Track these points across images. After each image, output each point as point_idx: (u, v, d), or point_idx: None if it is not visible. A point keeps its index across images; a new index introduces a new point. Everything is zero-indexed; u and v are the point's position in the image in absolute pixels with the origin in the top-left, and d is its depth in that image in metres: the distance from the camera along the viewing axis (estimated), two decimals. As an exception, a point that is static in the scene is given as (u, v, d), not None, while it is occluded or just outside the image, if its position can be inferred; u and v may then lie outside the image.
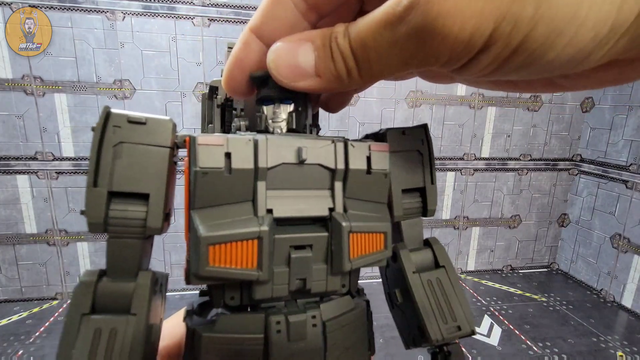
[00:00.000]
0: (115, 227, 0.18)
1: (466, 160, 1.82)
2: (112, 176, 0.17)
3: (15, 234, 1.51)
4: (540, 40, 0.15)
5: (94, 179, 0.17)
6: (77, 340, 0.17)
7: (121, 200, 0.18)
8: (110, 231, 0.18)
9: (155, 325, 0.20)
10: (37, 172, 1.48)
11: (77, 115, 1.46)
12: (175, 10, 1.45)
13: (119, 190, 0.18)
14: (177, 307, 1.40)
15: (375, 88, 1.67)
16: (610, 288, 1.71)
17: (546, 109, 1.83)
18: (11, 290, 1.56)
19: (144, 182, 0.18)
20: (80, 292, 0.17)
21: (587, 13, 0.14)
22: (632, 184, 1.61)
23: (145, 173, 0.18)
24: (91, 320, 0.17)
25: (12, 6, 1.34)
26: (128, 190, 0.18)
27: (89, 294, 0.17)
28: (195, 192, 0.18)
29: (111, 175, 0.17)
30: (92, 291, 0.18)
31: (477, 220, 1.91)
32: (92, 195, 0.17)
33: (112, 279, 0.18)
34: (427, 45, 0.16)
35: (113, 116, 0.18)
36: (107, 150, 0.17)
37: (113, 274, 0.18)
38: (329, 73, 0.19)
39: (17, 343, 1.29)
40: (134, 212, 0.18)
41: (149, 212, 0.18)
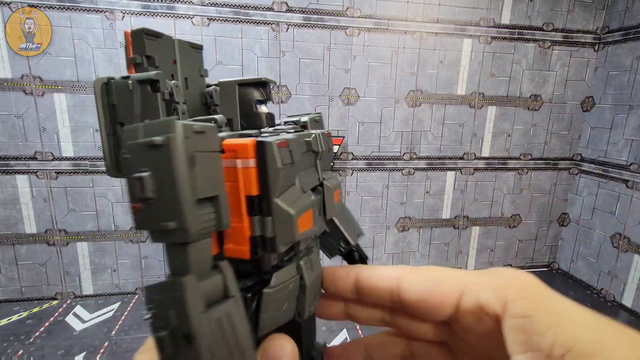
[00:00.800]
0: (203, 231, 0.19)
1: (466, 159, 1.82)
2: (194, 185, 0.19)
3: (15, 234, 1.51)
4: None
5: (188, 191, 0.18)
6: (210, 333, 0.19)
7: (199, 205, 0.19)
8: (196, 237, 0.19)
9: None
10: (36, 172, 1.48)
11: (76, 115, 1.46)
12: (175, 9, 1.45)
13: (202, 197, 0.19)
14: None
15: (375, 87, 1.67)
16: (610, 287, 1.71)
17: (546, 108, 1.83)
18: (11, 290, 1.56)
19: (213, 185, 0.20)
20: (192, 297, 0.18)
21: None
22: (632, 183, 1.61)
23: (213, 177, 0.20)
24: (211, 313, 0.19)
25: (12, 6, 1.34)
26: (208, 195, 0.20)
27: (199, 294, 0.19)
28: (276, 185, 0.22)
29: (193, 184, 0.19)
30: (199, 291, 0.19)
31: (477, 220, 1.90)
32: (191, 209, 0.18)
33: (200, 278, 0.19)
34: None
35: (184, 128, 0.19)
36: (185, 161, 0.18)
37: (199, 274, 0.19)
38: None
39: (17, 343, 1.29)
40: (210, 214, 0.20)
41: (221, 212, 0.21)
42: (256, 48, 1.54)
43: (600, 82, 1.79)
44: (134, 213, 0.18)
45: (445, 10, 1.65)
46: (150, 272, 1.65)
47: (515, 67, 1.76)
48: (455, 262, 1.92)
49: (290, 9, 1.53)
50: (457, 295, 0.20)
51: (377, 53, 1.64)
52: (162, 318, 0.18)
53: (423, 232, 1.87)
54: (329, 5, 1.56)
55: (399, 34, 1.63)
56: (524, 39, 1.74)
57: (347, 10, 1.57)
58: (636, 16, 1.62)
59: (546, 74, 1.79)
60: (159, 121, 0.19)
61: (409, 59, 1.67)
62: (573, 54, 1.79)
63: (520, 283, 0.19)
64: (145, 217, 0.18)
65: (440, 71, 1.71)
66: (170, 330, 0.18)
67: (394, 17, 1.61)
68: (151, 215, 0.18)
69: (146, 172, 0.18)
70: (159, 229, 0.18)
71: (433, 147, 1.78)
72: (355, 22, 1.59)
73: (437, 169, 1.80)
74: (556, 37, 1.76)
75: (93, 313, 1.50)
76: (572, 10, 1.74)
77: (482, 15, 1.68)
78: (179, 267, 0.19)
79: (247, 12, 1.51)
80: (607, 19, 1.75)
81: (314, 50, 1.59)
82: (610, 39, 1.74)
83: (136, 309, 1.54)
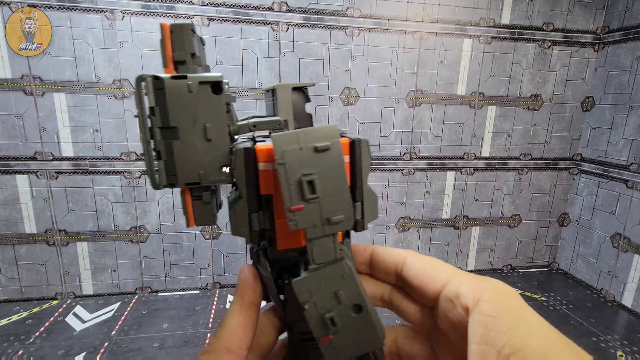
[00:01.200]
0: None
1: (466, 159, 1.82)
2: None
3: (15, 234, 1.51)
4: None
5: (348, 187, 0.21)
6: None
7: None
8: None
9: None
10: (36, 172, 1.48)
11: (76, 115, 1.46)
12: (175, 9, 1.45)
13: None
14: (177, 307, 1.41)
15: (375, 87, 1.67)
16: (610, 287, 1.71)
17: (546, 108, 1.83)
18: (11, 290, 1.56)
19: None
20: (356, 274, 0.21)
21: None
22: (632, 183, 1.61)
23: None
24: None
25: (12, 6, 1.34)
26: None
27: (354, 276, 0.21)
28: (366, 175, 0.24)
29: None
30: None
31: (477, 220, 1.90)
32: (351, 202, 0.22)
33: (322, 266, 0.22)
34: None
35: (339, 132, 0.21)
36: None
37: (320, 263, 0.21)
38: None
39: (17, 343, 1.29)
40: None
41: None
42: (256, 48, 1.54)
43: (600, 82, 1.79)
44: (294, 214, 0.20)
45: (445, 10, 1.65)
46: (150, 272, 1.65)
47: (515, 67, 1.76)
48: (455, 262, 1.92)
49: (290, 9, 1.53)
50: (444, 282, 0.22)
51: (377, 53, 1.64)
52: (327, 300, 0.20)
53: (423, 232, 1.87)
54: (329, 5, 1.56)
55: (399, 34, 1.63)
56: (524, 39, 1.74)
57: (347, 11, 1.57)
58: (636, 16, 1.62)
59: (546, 74, 1.79)
60: (320, 127, 0.20)
61: (409, 59, 1.67)
62: (573, 54, 1.79)
63: (498, 290, 0.21)
64: (308, 215, 0.20)
65: (440, 71, 1.71)
66: (339, 307, 0.20)
67: (394, 17, 1.61)
68: (316, 212, 0.20)
69: (314, 174, 0.20)
70: (325, 223, 0.20)
71: (433, 147, 1.78)
72: (355, 22, 1.59)
73: (437, 169, 1.80)
74: (556, 37, 1.76)
75: (93, 313, 1.50)
76: (572, 10, 1.74)
77: (482, 15, 1.68)
78: (332, 254, 0.21)
79: (247, 12, 1.51)
80: (607, 19, 1.75)
81: (314, 50, 1.59)
82: (610, 39, 1.74)
83: (136, 309, 1.54)
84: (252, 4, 1.50)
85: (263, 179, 0.22)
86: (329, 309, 0.20)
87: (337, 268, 0.21)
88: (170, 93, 0.21)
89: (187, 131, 0.22)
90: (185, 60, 0.22)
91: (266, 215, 0.22)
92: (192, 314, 1.50)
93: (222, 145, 0.22)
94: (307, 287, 0.20)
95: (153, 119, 0.21)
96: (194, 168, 0.22)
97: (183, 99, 0.21)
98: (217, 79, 0.22)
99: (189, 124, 0.22)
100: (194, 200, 0.23)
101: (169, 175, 0.22)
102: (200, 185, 0.22)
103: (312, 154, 0.20)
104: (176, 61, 0.22)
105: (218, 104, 0.22)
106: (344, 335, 0.21)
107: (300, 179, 0.19)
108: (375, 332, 0.21)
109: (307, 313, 0.20)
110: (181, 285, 1.69)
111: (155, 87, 0.21)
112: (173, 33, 0.21)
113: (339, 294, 0.21)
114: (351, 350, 0.21)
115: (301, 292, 0.20)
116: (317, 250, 0.21)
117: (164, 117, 0.21)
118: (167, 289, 1.68)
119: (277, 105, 0.27)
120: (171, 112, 0.21)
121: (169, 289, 1.69)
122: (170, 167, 0.22)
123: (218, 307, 1.57)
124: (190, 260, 1.68)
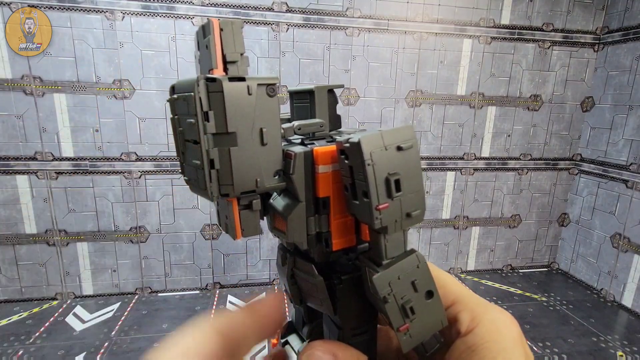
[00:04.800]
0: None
1: (466, 159, 1.82)
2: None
3: (15, 234, 1.51)
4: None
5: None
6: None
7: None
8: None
9: None
10: (36, 172, 1.48)
11: (76, 115, 1.46)
12: (175, 10, 1.45)
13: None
14: (178, 307, 1.41)
15: (375, 88, 1.67)
16: (610, 288, 1.71)
17: (546, 109, 1.83)
18: (11, 291, 1.56)
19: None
20: (427, 267, 0.23)
21: None
22: (632, 183, 1.61)
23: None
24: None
25: (12, 6, 1.34)
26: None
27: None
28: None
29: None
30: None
31: (477, 220, 1.91)
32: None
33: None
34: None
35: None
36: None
37: (392, 257, 0.23)
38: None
39: (17, 343, 1.29)
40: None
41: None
42: (256, 48, 1.54)
43: (600, 82, 1.79)
44: (380, 212, 0.21)
45: (445, 11, 1.65)
46: (150, 273, 1.65)
47: (515, 67, 1.76)
48: (455, 263, 1.92)
49: (290, 9, 1.53)
50: (449, 303, 0.23)
51: (377, 53, 1.64)
52: (406, 291, 0.22)
53: (423, 232, 1.87)
54: (329, 6, 1.56)
55: (399, 34, 1.63)
56: (523, 39, 1.74)
57: (347, 11, 1.58)
58: (636, 16, 1.62)
59: (546, 74, 1.79)
60: (398, 128, 0.21)
61: (409, 59, 1.67)
62: (573, 54, 1.79)
63: (494, 326, 0.21)
64: (392, 212, 0.21)
65: (440, 71, 1.71)
66: (416, 295, 0.22)
67: (394, 18, 1.61)
68: (398, 209, 0.21)
69: (399, 173, 0.21)
70: (404, 218, 0.22)
71: (433, 147, 1.78)
72: (355, 23, 1.59)
73: (437, 169, 1.81)
74: (556, 38, 1.76)
75: (93, 313, 1.50)
76: (572, 11, 1.75)
77: (482, 15, 1.68)
78: (402, 247, 0.23)
79: (247, 12, 1.51)
80: (606, 19, 1.76)
81: (314, 51, 1.59)
82: (610, 39, 1.74)
83: (136, 309, 1.54)
84: (252, 4, 1.50)
85: (321, 182, 0.22)
86: (408, 299, 0.22)
87: (412, 259, 0.22)
88: (230, 96, 0.20)
89: (245, 137, 0.21)
90: (237, 61, 0.21)
91: (322, 217, 0.23)
92: (192, 314, 1.50)
93: (277, 150, 0.22)
94: (387, 281, 0.21)
95: (207, 125, 0.20)
96: (251, 175, 0.21)
97: (242, 103, 0.20)
98: (274, 80, 0.21)
99: (247, 128, 0.21)
100: (242, 210, 0.22)
101: (223, 185, 0.21)
102: (255, 193, 0.22)
103: (396, 153, 0.21)
104: (229, 62, 0.21)
105: (273, 106, 0.21)
106: (419, 322, 0.22)
107: (387, 177, 0.20)
108: (442, 313, 0.23)
109: (389, 306, 0.21)
110: (181, 286, 1.69)
111: (210, 90, 0.20)
112: (223, 31, 0.20)
113: (416, 283, 0.22)
114: (423, 334, 0.23)
115: (382, 286, 0.21)
116: (391, 245, 0.22)
117: (221, 122, 0.20)
118: (167, 289, 1.68)
119: (314, 107, 0.26)
120: (230, 116, 0.20)
121: (169, 289, 1.69)
122: (225, 177, 0.20)
123: (218, 307, 1.57)
124: (190, 261, 1.68)
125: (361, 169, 0.20)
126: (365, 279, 0.22)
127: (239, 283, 1.74)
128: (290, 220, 0.22)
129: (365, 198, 0.20)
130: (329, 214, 0.23)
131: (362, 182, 0.20)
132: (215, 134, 0.20)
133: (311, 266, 0.23)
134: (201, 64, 0.23)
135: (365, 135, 0.20)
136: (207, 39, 0.20)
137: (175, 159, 1.57)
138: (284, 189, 0.23)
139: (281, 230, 0.23)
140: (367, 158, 0.20)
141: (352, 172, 0.21)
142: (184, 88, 0.21)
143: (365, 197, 0.20)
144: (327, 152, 0.22)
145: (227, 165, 0.20)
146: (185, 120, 0.21)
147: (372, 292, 0.22)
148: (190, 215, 1.64)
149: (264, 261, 1.75)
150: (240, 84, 0.20)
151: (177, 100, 0.21)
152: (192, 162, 0.21)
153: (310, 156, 0.22)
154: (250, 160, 0.21)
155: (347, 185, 0.22)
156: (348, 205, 0.22)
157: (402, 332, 0.22)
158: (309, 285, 0.24)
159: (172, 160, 1.57)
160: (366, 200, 0.20)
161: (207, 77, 0.20)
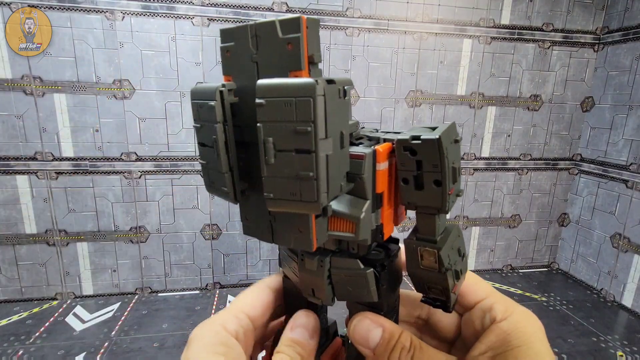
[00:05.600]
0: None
1: (466, 159, 1.82)
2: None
3: (15, 234, 1.51)
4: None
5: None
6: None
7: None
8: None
9: None
10: (36, 173, 1.48)
11: (76, 115, 1.46)
12: (175, 10, 1.45)
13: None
14: (178, 307, 1.41)
15: (374, 87, 1.67)
16: (610, 288, 1.71)
17: (546, 109, 1.83)
18: (11, 291, 1.56)
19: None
20: (462, 234, 0.28)
21: None
22: (632, 183, 1.61)
23: None
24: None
25: (12, 6, 1.34)
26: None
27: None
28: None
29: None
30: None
31: (477, 220, 1.91)
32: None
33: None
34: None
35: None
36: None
37: (442, 232, 0.26)
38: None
39: (17, 343, 1.29)
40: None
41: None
42: (256, 48, 1.54)
43: (600, 82, 1.79)
44: (449, 197, 0.23)
45: (445, 11, 1.65)
46: (150, 273, 1.65)
47: (515, 67, 1.76)
48: (455, 262, 1.92)
49: (290, 9, 1.53)
50: (482, 296, 0.27)
51: (377, 53, 1.64)
52: (455, 257, 0.26)
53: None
54: (329, 6, 1.56)
55: (399, 34, 1.63)
56: (523, 39, 1.74)
57: (347, 11, 1.58)
58: (636, 16, 1.62)
59: (546, 74, 1.79)
60: (450, 125, 0.24)
61: (409, 59, 1.67)
62: (573, 54, 1.79)
63: (525, 316, 0.25)
64: (453, 194, 0.24)
65: (440, 71, 1.71)
66: (459, 259, 0.26)
67: (393, 18, 1.61)
68: (447, 194, 0.24)
69: (457, 162, 0.24)
70: (455, 200, 0.25)
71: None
72: (355, 23, 1.59)
73: (437, 169, 1.80)
74: (556, 38, 1.76)
75: (93, 313, 1.50)
76: (572, 11, 1.75)
77: (482, 15, 1.68)
78: (445, 223, 0.26)
79: (247, 12, 1.51)
80: (606, 19, 1.76)
81: (314, 51, 1.59)
82: (610, 39, 1.74)
83: (136, 309, 1.54)
84: (252, 4, 1.50)
85: (380, 178, 0.24)
86: (456, 263, 0.25)
87: (456, 230, 0.26)
88: (329, 100, 0.18)
89: (335, 141, 0.20)
90: (317, 61, 0.20)
91: (377, 211, 0.24)
92: (192, 314, 1.50)
93: (347, 152, 0.22)
94: (446, 253, 0.24)
95: (319, 132, 0.19)
96: (338, 181, 0.21)
97: (334, 106, 0.19)
98: (350, 82, 0.21)
99: (337, 132, 0.20)
100: (317, 217, 0.21)
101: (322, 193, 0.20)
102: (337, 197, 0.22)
103: (454, 146, 0.23)
104: (312, 62, 0.19)
105: (347, 108, 0.21)
106: (461, 281, 0.27)
107: (453, 167, 0.23)
108: (467, 269, 0.28)
109: (449, 273, 0.24)
110: (181, 286, 1.69)
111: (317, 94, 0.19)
112: (308, 29, 0.19)
113: (460, 249, 0.26)
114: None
115: (445, 259, 0.24)
116: (441, 223, 0.25)
117: (321, 128, 0.18)
118: (167, 289, 1.68)
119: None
120: (328, 121, 0.19)
121: (169, 289, 1.69)
122: (322, 184, 0.19)
123: (218, 307, 1.57)
124: (190, 261, 1.68)
125: (438, 161, 0.22)
126: (412, 258, 0.25)
127: (239, 283, 1.74)
128: (362, 219, 0.23)
129: (436, 186, 0.23)
130: (382, 207, 0.25)
131: (436, 172, 0.22)
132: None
133: (356, 261, 0.25)
134: (261, 65, 0.21)
135: (438, 132, 0.22)
136: (287, 38, 0.19)
137: (175, 159, 1.57)
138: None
139: (346, 231, 0.23)
140: (444, 152, 0.22)
141: (418, 165, 0.23)
142: (274, 92, 0.18)
143: (436, 185, 0.23)
144: (385, 150, 0.24)
145: (324, 173, 0.19)
146: (281, 127, 0.18)
147: (425, 266, 0.25)
148: (191, 215, 1.64)
149: (264, 261, 1.75)
150: (334, 87, 0.19)
151: (265, 106, 0.19)
152: (286, 174, 0.19)
153: (373, 156, 0.23)
154: (336, 164, 0.20)
155: (407, 178, 0.24)
156: (404, 196, 0.24)
157: (454, 293, 0.25)
158: (351, 280, 0.25)
159: (172, 160, 1.57)
160: (438, 188, 0.23)
161: (327, 80, 0.18)
